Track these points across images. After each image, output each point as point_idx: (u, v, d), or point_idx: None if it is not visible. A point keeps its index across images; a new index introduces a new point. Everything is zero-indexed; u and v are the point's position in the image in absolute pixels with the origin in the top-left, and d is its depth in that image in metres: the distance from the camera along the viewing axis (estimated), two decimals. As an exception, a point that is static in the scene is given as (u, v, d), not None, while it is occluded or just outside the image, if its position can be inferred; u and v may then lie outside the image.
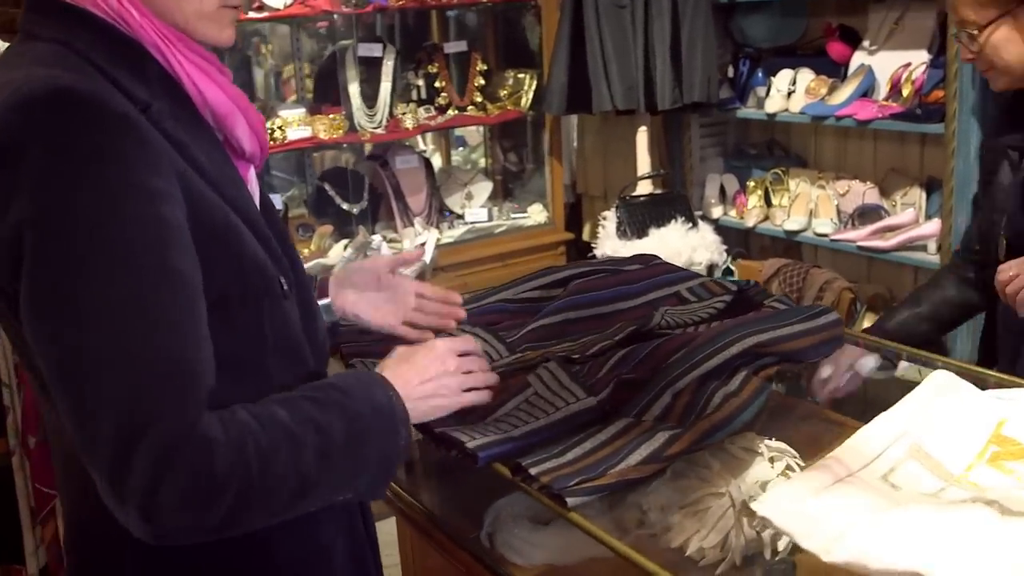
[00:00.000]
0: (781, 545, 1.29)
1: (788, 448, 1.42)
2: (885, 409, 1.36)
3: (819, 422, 1.69)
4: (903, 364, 1.84)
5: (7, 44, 2.85)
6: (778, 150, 4.24)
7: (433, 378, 1.31)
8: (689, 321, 1.73)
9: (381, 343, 1.73)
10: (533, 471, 1.27)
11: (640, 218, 3.73)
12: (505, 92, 4.19)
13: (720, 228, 3.97)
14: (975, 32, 1.83)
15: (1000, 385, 1.51)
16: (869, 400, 1.87)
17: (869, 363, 1.85)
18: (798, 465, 1.40)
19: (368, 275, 1.64)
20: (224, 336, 1.13)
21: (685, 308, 1.81)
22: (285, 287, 1.25)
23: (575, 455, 1.29)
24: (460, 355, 1.36)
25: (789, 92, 3.80)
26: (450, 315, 1.67)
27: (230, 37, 1.26)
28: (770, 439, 1.42)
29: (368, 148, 4.36)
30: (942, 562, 0.98)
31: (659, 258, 2.02)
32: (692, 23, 3.67)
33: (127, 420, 1.00)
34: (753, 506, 1.16)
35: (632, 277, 1.89)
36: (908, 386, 1.86)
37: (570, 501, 1.22)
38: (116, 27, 1.17)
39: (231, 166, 1.26)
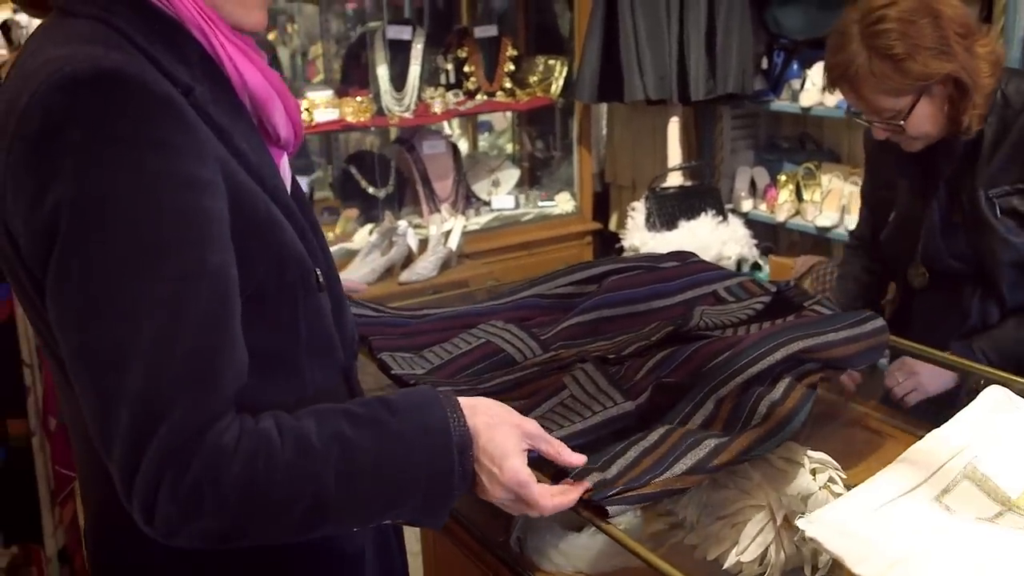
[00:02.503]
0: (822, 562, 1.25)
1: (830, 460, 1.37)
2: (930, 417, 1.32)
3: (862, 430, 1.65)
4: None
5: (37, 19, 2.83)
6: (811, 144, 4.19)
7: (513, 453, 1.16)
8: (727, 322, 1.68)
9: (410, 336, 1.70)
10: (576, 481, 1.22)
11: (669, 210, 3.69)
12: (535, 78, 4.14)
13: (750, 222, 3.92)
14: (899, 121, 1.84)
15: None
16: (913, 409, 1.84)
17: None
18: (840, 477, 1.35)
19: None
20: (258, 330, 1.09)
21: (723, 308, 1.76)
22: (320, 280, 1.21)
23: (619, 467, 1.25)
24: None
25: (824, 86, 3.72)
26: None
27: (261, 20, 1.22)
28: (812, 449, 1.37)
29: (395, 132, 4.32)
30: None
31: (696, 255, 1.98)
32: (728, 13, 3.62)
33: (141, 416, 0.97)
34: (800, 525, 1.12)
35: (669, 275, 1.84)
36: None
37: (611, 511, 1.18)
38: (157, 5, 1.13)
39: (268, 153, 1.23)
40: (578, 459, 1.20)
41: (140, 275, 0.99)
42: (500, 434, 1.13)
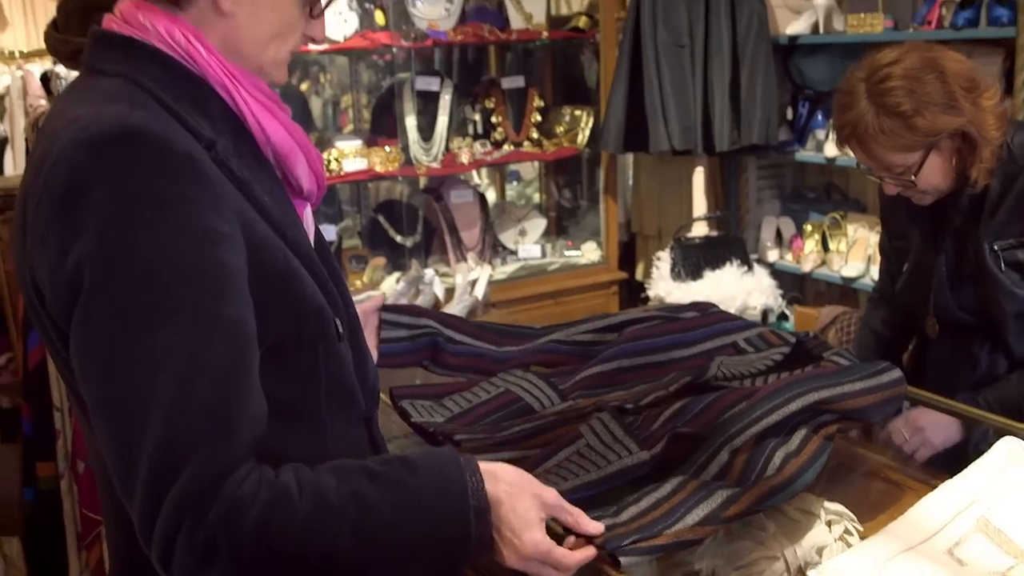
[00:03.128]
0: (837, 614, 1.24)
1: (846, 511, 1.37)
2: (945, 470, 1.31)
3: (878, 481, 1.65)
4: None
5: (75, 71, 2.89)
6: (836, 194, 4.20)
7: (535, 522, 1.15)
8: (746, 373, 1.69)
9: (432, 385, 1.72)
10: None
11: (695, 260, 3.70)
12: (561, 128, 4.18)
13: (776, 272, 3.92)
14: (910, 176, 1.85)
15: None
16: (929, 460, 1.83)
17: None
18: (856, 529, 1.35)
19: None
20: (278, 380, 1.12)
21: (742, 359, 1.77)
22: (341, 330, 1.23)
23: (630, 515, 1.26)
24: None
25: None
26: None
27: (283, 76, 1.26)
28: (828, 501, 1.38)
29: (424, 181, 4.37)
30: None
31: (716, 306, 1.99)
32: (752, 64, 3.65)
33: (160, 465, 0.99)
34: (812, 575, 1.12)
35: (688, 325, 1.85)
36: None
37: (624, 562, 1.18)
38: (182, 63, 1.16)
39: (290, 205, 1.26)
40: (596, 527, 1.21)
41: (159, 326, 1.02)
42: (521, 505, 1.13)
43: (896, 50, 1.86)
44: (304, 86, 4.97)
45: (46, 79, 4.21)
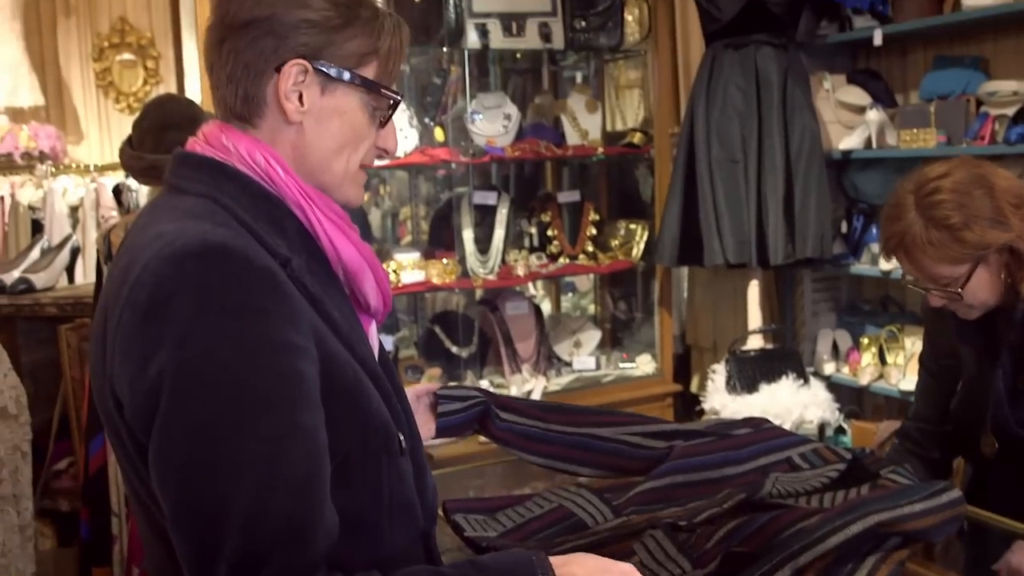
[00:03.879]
0: None
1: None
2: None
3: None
4: None
5: (145, 186, 3.00)
6: (893, 307, 4.17)
7: None
8: (801, 490, 1.67)
9: (485, 499, 1.73)
10: None
11: (750, 373, 3.68)
12: (616, 242, 4.23)
13: (832, 385, 3.88)
14: (956, 288, 1.86)
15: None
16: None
17: None
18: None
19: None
20: (342, 492, 1.14)
21: (797, 476, 1.75)
22: (404, 445, 1.26)
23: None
24: None
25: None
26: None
27: (359, 196, 1.32)
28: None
29: (479, 292, 4.43)
30: None
31: (769, 421, 1.98)
32: (805, 178, 3.68)
33: (238, 572, 1.02)
34: None
35: (742, 442, 1.84)
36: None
37: None
38: (261, 184, 1.22)
39: (357, 321, 1.29)
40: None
41: (239, 434, 1.05)
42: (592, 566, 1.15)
43: (945, 164, 1.89)
44: (364, 197, 5.08)
45: (118, 192, 4.38)
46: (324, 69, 1.23)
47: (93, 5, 6.52)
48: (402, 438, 1.25)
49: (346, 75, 1.24)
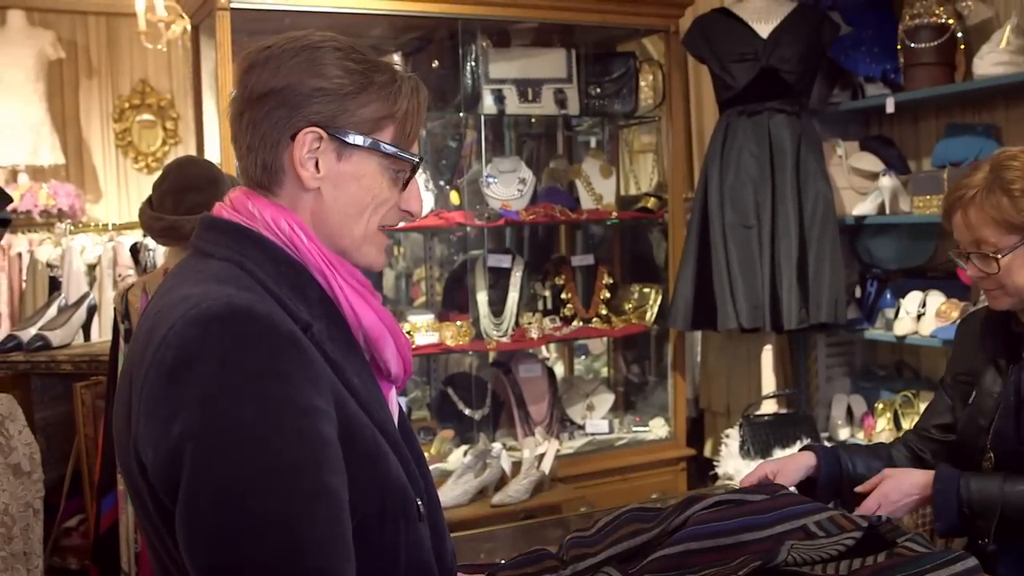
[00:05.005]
0: None
1: None
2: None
3: None
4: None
5: (164, 246, 3.02)
6: (908, 372, 4.16)
7: None
8: (816, 558, 1.66)
9: (503, 567, 1.71)
10: None
11: (764, 438, 3.66)
12: (630, 305, 4.23)
13: (847, 451, 3.85)
14: (994, 254, 1.91)
15: None
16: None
17: None
18: None
19: None
20: (359, 555, 1.14)
21: (812, 543, 1.74)
22: (422, 510, 1.26)
23: None
24: None
25: (919, 314, 3.74)
26: None
27: (382, 262, 1.33)
28: None
29: (492, 354, 4.43)
30: None
31: (785, 488, 1.97)
32: (819, 243, 3.69)
33: None
34: None
35: (758, 508, 1.83)
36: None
37: None
38: (285, 250, 1.24)
39: (377, 387, 1.30)
40: None
41: (266, 496, 1.05)
42: None
43: None
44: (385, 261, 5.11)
45: (135, 250, 4.42)
46: (339, 136, 1.25)
47: (115, 67, 6.65)
48: (420, 504, 1.26)
49: (361, 140, 1.26)
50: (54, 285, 4.68)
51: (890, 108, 3.79)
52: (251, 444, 1.06)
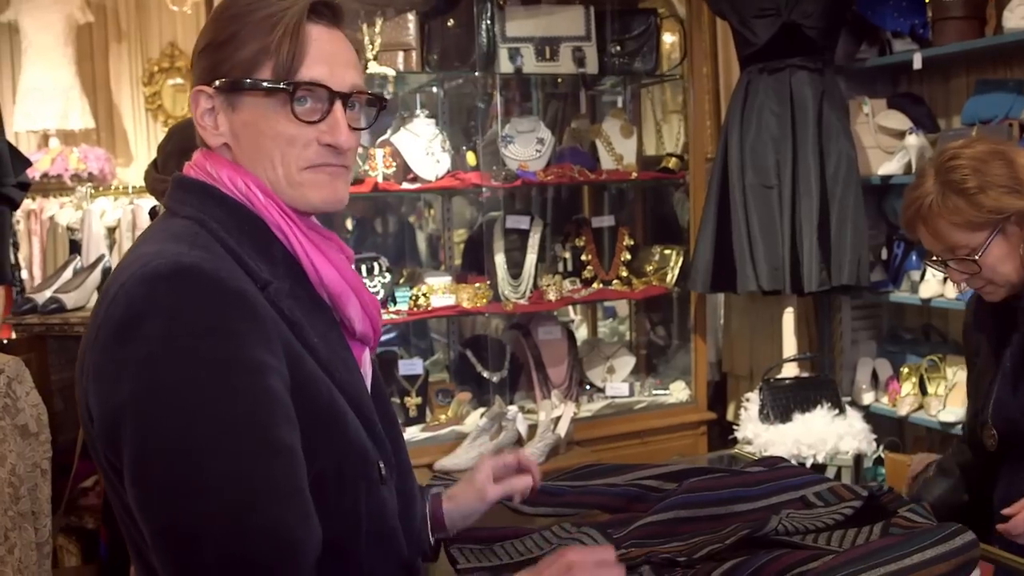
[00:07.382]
0: None
1: None
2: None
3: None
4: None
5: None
6: (935, 336, 4.07)
7: None
8: (811, 527, 1.62)
9: (483, 529, 1.69)
10: None
11: (784, 402, 3.60)
12: (651, 267, 4.18)
13: (870, 416, 3.79)
14: (970, 256, 1.88)
15: None
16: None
17: None
18: None
19: (471, 496, 1.59)
20: (319, 517, 1.13)
21: (809, 512, 1.70)
22: (384, 472, 1.24)
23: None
24: (596, 565, 1.22)
25: (945, 277, 3.65)
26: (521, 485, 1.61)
27: (329, 199, 1.27)
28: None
29: (513, 317, 4.40)
30: None
31: (786, 460, 1.93)
32: (842, 203, 3.60)
33: None
34: None
35: (753, 479, 1.80)
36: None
37: None
38: (245, 207, 1.23)
39: (345, 347, 1.29)
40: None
41: (216, 454, 1.05)
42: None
43: (968, 139, 1.97)
44: (412, 219, 5.12)
45: (154, 213, 4.42)
46: (221, 88, 1.23)
47: (144, 30, 6.64)
48: (382, 466, 1.24)
49: (243, 83, 1.22)
50: (74, 248, 4.72)
51: (917, 64, 3.68)
52: (199, 401, 1.06)
